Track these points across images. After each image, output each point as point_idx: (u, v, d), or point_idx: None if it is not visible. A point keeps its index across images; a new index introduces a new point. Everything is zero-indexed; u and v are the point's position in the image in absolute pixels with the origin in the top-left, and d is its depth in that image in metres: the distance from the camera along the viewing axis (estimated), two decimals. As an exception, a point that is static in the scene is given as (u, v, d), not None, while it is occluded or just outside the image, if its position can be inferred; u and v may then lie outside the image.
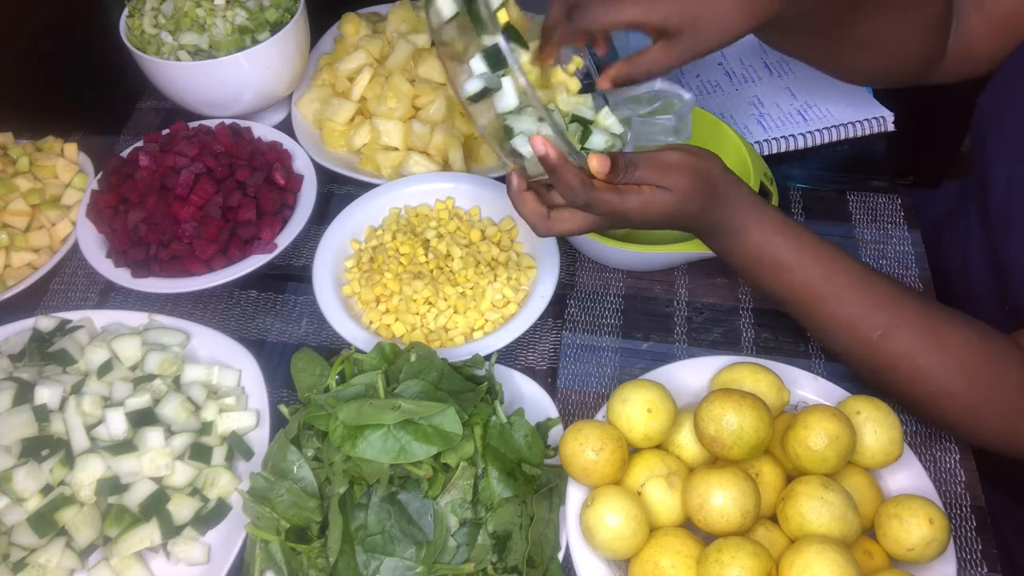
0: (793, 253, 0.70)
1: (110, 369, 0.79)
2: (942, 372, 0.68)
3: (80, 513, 0.70)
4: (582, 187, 0.64)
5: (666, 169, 0.66)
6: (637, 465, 0.69)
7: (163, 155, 0.92)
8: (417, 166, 0.98)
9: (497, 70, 0.65)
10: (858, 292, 0.70)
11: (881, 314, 0.69)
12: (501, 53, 0.62)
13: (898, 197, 0.97)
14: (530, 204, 0.69)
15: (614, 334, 0.87)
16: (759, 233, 0.70)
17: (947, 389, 0.68)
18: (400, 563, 0.64)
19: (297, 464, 0.67)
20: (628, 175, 0.65)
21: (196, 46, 0.97)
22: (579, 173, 0.64)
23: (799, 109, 1.04)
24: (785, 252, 0.70)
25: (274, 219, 0.91)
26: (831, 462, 0.66)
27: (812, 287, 0.70)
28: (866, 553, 0.65)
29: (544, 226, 0.70)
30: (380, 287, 0.86)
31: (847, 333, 0.71)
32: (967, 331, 0.69)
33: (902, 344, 0.69)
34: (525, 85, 0.61)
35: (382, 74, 1.03)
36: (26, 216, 0.94)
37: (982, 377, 0.68)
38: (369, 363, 0.72)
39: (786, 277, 0.71)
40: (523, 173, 0.69)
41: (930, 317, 0.69)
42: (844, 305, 0.70)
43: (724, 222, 0.70)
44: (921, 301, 0.71)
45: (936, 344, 0.68)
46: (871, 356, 0.70)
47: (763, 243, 0.70)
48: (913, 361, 0.69)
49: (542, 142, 0.62)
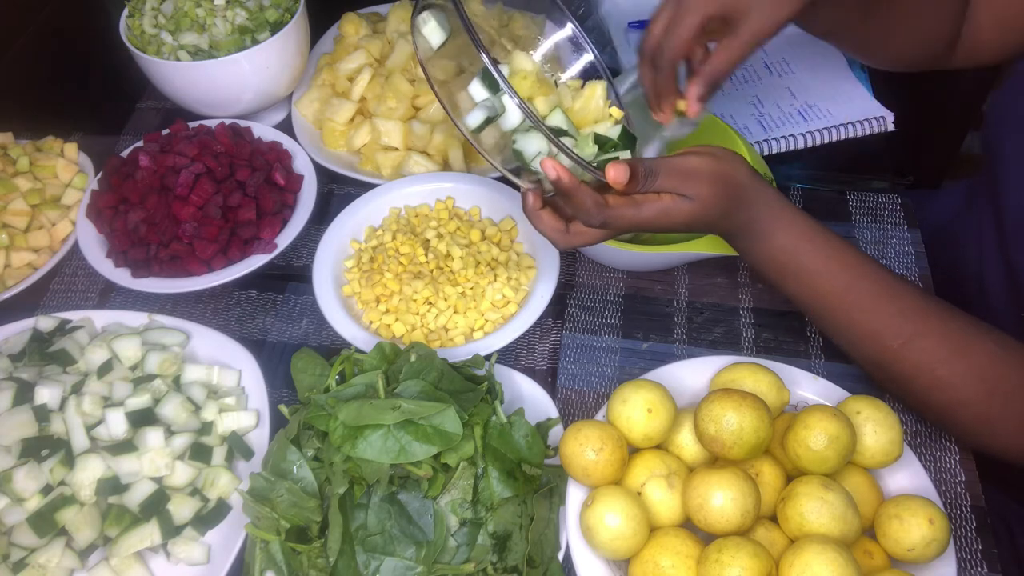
0: (821, 260, 0.69)
1: (110, 369, 0.79)
2: (961, 382, 0.67)
3: (80, 513, 0.70)
4: (597, 208, 0.63)
5: (687, 176, 0.65)
6: (637, 465, 0.69)
7: (163, 155, 0.92)
8: (417, 166, 0.98)
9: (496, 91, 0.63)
10: (882, 301, 0.69)
11: (905, 323, 0.68)
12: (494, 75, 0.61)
13: (898, 197, 0.96)
14: (548, 221, 0.68)
15: (614, 334, 0.87)
16: (785, 238, 0.69)
17: (965, 399, 0.68)
18: (400, 563, 0.64)
19: (297, 464, 0.67)
20: (648, 184, 0.64)
21: (196, 46, 0.97)
22: (593, 195, 0.63)
23: (799, 109, 1.04)
24: (812, 259, 0.69)
25: (274, 219, 0.91)
26: (831, 462, 0.66)
27: (837, 294, 0.70)
28: (866, 553, 0.65)
29: (564, 241, 0.69)
30: (380, 287, 0.86)
31: (869, 341, 0.70)
32: (988, 341, 0.68)
33: (923, 354, 0.68)
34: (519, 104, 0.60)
35: (382, 74, 1.03)
36: (26, 216, 0.94)
37: (1001, 387, 0.67)
38: (369, 363, 0.72)
39: (811, 283, 0.70)
40: (537, 190, 0.68)
41: (952, 326, 0.69)
42: (868, 313, 0.69)
43: (749, 225, 0.69)
44: (944, 310, 0.70)
45: (957, 354, 0.68)
46: (891, 364, 0.70)
47: (789, 248, 0.69)
48: (933, 371, 0.68)
49: (552, 165, 0.61)
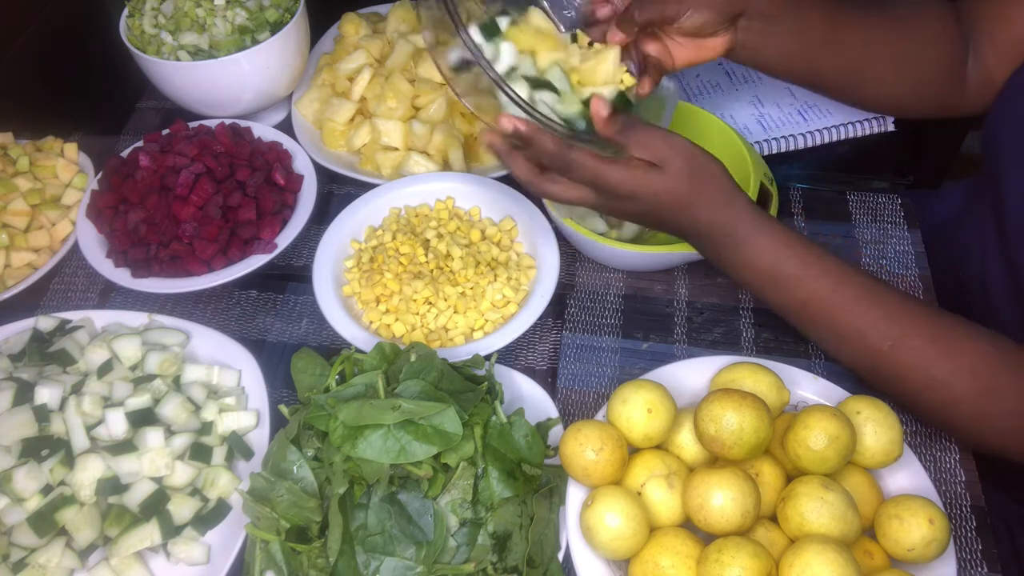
0: (799, 265, 0.70)
1: (110, 369, 0.79)
2: (954, 380, 0.68)
3: (80, 513, 0.70)
4: (559, 148, 0.65)
5: (664, 142, 0.67)
6: (637, 465, 0.69)
7: (163, 155, 0.92)
8: (417, 166, 0.98)
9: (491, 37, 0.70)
10: (867, 304, 0.69)
11: (892, 325, 0.69)
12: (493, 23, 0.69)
13: (898, 197, 0.96)
14: (521, 162, 0.70)
15: (614, 334, 0.87)
16: (765, 244, 0.70)
17: (957, 397, 0.68)
18: (400, 563, 0.64)
19: (297, 464, 0.67)
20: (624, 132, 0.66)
21: (196, 46, 0.97)
22: (554, 137, 0.65)
23: (799, 109, 1.04)
24: (792, 264, 0.70)
25: (274, 219, 0.91)
26: (831, 462, 0.65)
27: (819, 299, 0.70)
28: (866, 553, 0.65)
29: (537, 184, 0.70)
30: (380, 287, 0.86)
31: (857, 344, 0.70)
32: (978, 340, 0.68)
33: (912, 354, 0.68)
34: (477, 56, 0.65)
35: (382, 74, 1.03)
36: (26, 216, 0.94)
37: (993, 384, 0.67)
38: (369, 363, 0.72)
39: (793, 289, 0.70)
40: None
41: (940, 325, 0.69)
42: (853, 316, 0.69)
43: (726, 229, 0.70)
44: (930, 311, 0.70)
45: (947, 353, 0.68)
46: (881, 367, 0.70)
47: (769, 254, 0.70)
48: (925, 371, 0.68)
49: (508, 120, 0.64)
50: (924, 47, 0.83)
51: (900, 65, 0.83)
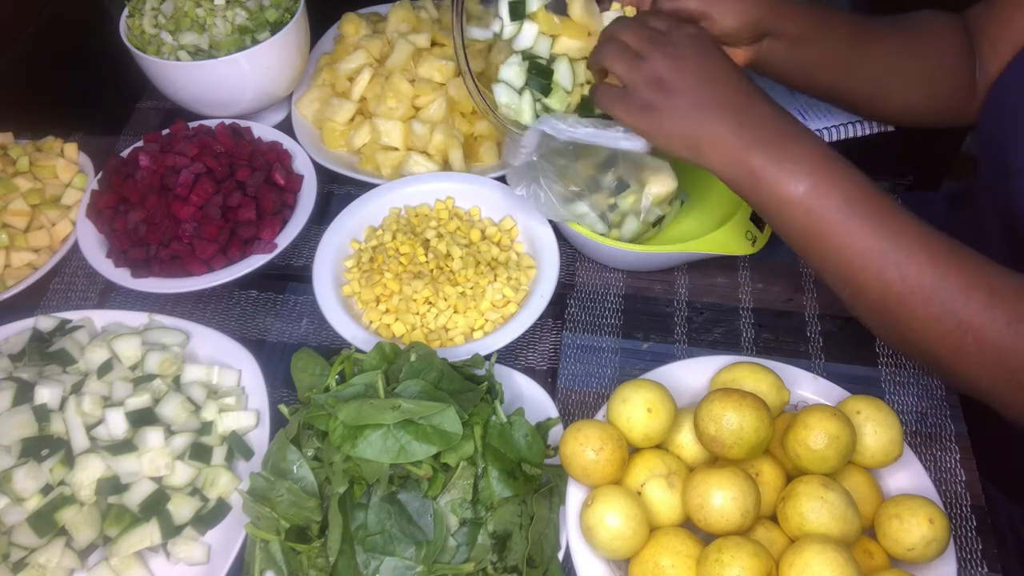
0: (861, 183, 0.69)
1: (110, 369, 0.79)
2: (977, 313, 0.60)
3: (80, 513, 0.70)
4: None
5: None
6: (637, 465, 0.69)
7: (163, 155, 0.92)
8: (417, 166, 0.98)
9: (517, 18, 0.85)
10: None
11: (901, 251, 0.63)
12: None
13: (898, 197, 0.96)
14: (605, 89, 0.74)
15: (614, 334, 0.87)
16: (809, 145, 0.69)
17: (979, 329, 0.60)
18: (400, 563, 0.64)
19: (297, 464, 0.67)
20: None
21: (196, 46, 0.97)
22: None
23: (799, 109, 1.04)
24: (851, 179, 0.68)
25: (274, 219, 0.91)
26: (831, 462, 0.66)
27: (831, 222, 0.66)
28: (866, 553, 0.65)
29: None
30: (380, 287, 0.86)
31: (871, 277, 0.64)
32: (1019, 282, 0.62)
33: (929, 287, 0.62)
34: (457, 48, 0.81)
35: (382, 74, 1.03)
36: (26, 216, 0.94)
37: None
38: (369, 363, 0.72)
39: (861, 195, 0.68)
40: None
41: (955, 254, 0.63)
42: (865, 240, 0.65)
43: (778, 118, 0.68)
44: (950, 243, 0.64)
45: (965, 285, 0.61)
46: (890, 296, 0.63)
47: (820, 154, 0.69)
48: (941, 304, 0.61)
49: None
50: (939, 60, 0.83)
51: (917, 79, 0.84)
